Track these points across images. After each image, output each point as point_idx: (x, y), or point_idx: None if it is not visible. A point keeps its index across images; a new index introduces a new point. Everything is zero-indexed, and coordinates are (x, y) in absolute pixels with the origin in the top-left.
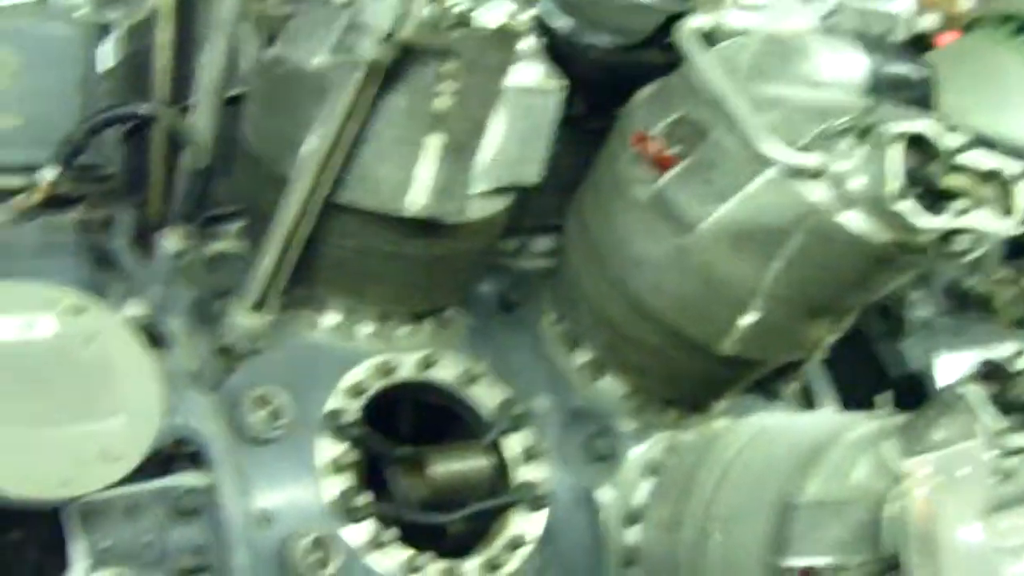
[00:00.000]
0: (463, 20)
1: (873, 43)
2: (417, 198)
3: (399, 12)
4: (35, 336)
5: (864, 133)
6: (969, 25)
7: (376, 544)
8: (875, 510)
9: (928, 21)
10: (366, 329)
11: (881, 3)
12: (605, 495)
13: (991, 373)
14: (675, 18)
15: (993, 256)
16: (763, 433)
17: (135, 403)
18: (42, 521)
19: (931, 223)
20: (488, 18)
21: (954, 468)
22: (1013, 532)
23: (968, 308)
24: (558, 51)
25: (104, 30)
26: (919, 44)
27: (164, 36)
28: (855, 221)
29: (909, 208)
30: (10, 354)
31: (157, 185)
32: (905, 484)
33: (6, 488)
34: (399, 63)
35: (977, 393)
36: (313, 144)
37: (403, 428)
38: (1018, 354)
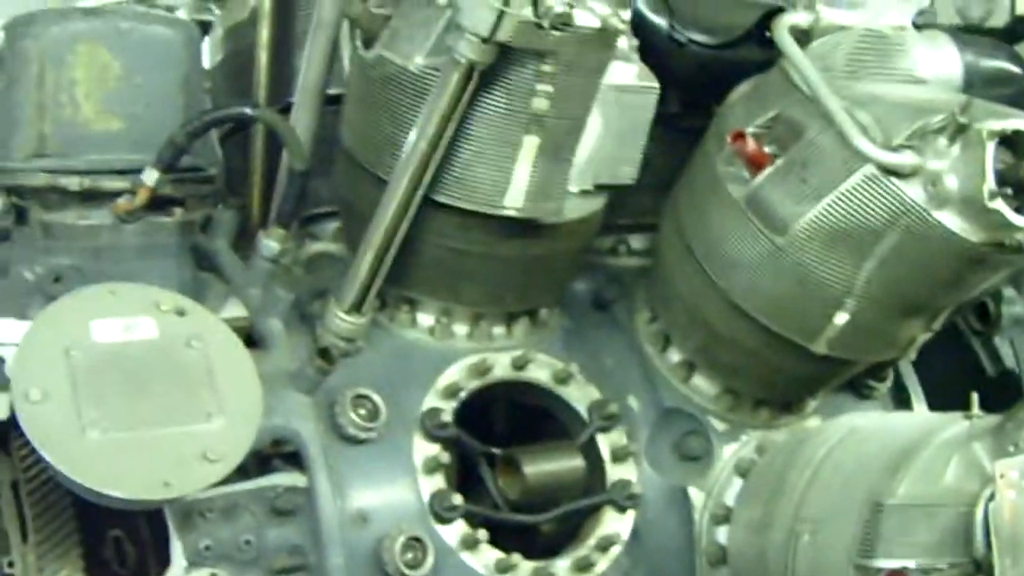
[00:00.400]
0: (562, 21)
1: (968, 39)
2: (514, 199)
3: (498, 13)
4: (137, 338)
5: (959, 131)
6: None
7: (469, 544)
8: (966, 512)
9: None
10: (461, 329)
11: None
12: (695, 495)
13: None
14: (771, 14)
15: None
16: (853, 434)
17: (235, 404)
18: (141, 520)
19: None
20: (586, 19)
21: None
22: None
23: None
24: (653, 49)
25: (204, 29)
26: (1019, 27)
27: (264, 36)
28: (949, 220)
29: (1004, 207)
30: (114, 356)
31: (257, 186)
32: (996, 486)
33: (110, 490)
34: (498, 64)
35: None
36: (412, 144)
37: (496, 428)
38: None
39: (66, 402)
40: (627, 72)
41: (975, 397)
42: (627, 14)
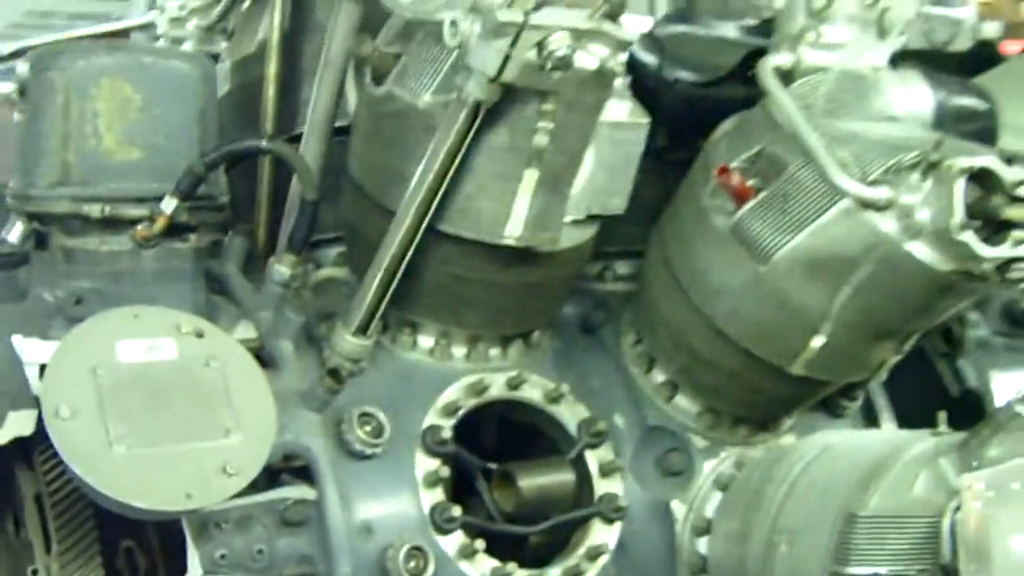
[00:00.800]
0: (563, 63)
1: (939, 79)
2: (514, 229)
3: (505, 56)
4: (159, 358)
5: (931, 168)
6: None
7: (467, 553)
8: (933, 522)
9: (991, 29)
10: (459, 351)
11: (945, 10)
12: (677, 508)
13: None
14: (754, 54)
15: None
16: (827, 451)
17: (251, 421)
18: (151, 531)
19: (992, 252)
20: (586, 61)
21: (1007, 483)
22: None
23: (1022, 328)
24: (643, 85)
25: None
26: (983, 51)
27: (272, 69)
28: (921, 251)
29: (972, 239)
30: (137, 375)
31: (263, 214)
32: (961, 498)
33: (136, 501)
34: (502, 102)
35: None
36: (419, 177)
37: (487, 443)
38: None
39: (94, 419)
40: (620, 109)
41: (942, 416)
42: (624, 56)
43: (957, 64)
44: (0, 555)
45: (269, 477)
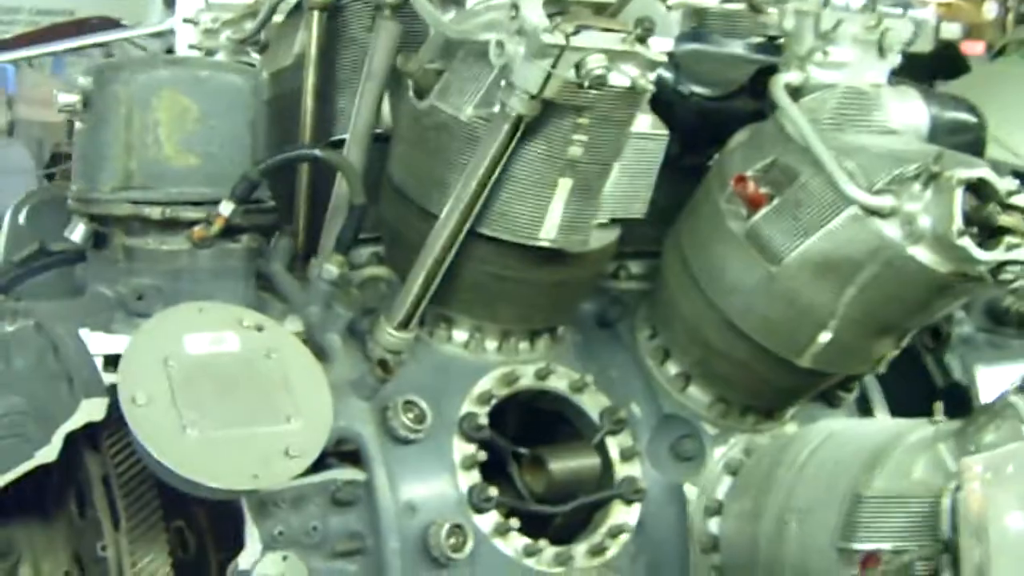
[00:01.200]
0: (599, 81)
1: (933, 94)
2: (548, 232)
3: (547, 75)
4: (224, 350)
5: (932, 178)
6: (1001, 50)
7: (501, 531)
8: (933, 502)
9: (951, 30)
10: (491, 344)
11: (907, 10)
12: (690, 490)
13: None
14: (764, 71)
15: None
16: (832, 437)
17: (310, 408)
18: (200, 511)
19: (987, 256)
20: (619, 79)
21: (1003, 467)
22: None
23: (1005, 325)
24: (660, 98)
25: None
26: (945, 51)
27: (310, 81)
28: (922, 254)
29: (969, 243)
30: (204, 365)
31: (304, 217)
32: (960, 479)
33: (209, 481)
34: (541, 116)
35: (1022, 403)
36: (463, 184)
37: (511, 428)
38: None
39: (167, 406)
40: (643, 121)
41: (939, 406)
42: (653, 75)
43: (920, 65)
44: (62, 536)
45: (317, 460)
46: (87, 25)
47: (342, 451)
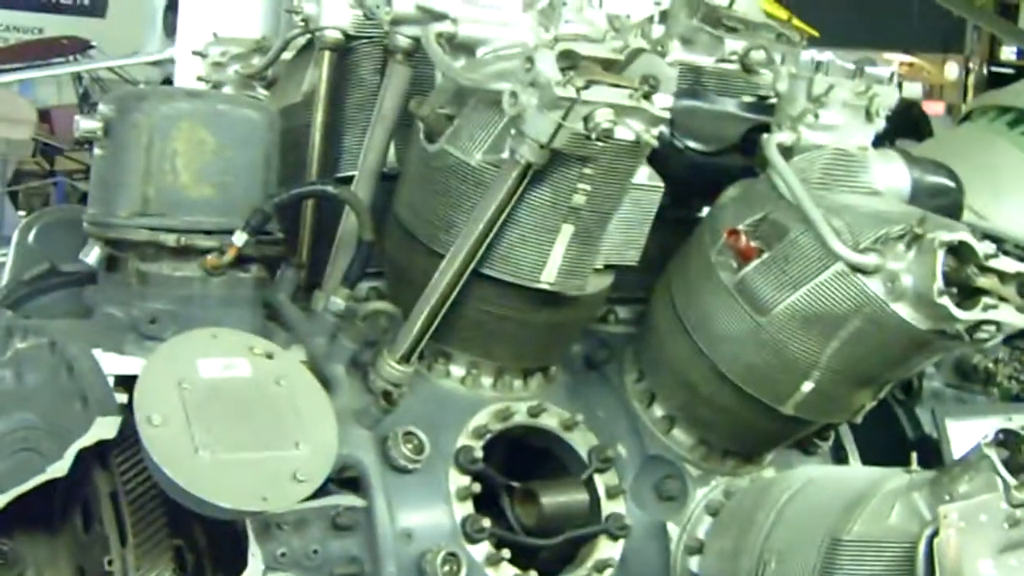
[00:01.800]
0: (606, 134)
1: (914, 159)
2: (549, 275)
3: (557, 126)
4: (236, 375)
5: (915, 239)
6: (967, 115)
7: (493, 561)
8: (908, 548)
9: (913, 89)
10: (487, 380)
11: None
12: (672, 529)
13: (1007, 440)
14: (756, 129)
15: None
16: (812, 482)
17: (317, 435)
18: (199, 531)
19: (965, 316)
20: (625, 133)
21: (976, 515)
22: (1020, 569)
23: (972, 381)
24: (655, 151)
25: None
26: (907, 110)
27: (319, 118)
28: (903, 311)
29: (948, 302)
30: (217, 389)
31: (307, 250)
32: (937, 526)
33: (220, 501)
34: (548, 164)
35: (996, 455)
36: (469, 227)
37: (501, 462)
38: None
39: (181, 427)
40: (641, 173)
41: (914, 456)
42: (656, 130)
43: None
44: (67, 550)
45: (319, 486)
46: (58, 45)
47: (343, 478)
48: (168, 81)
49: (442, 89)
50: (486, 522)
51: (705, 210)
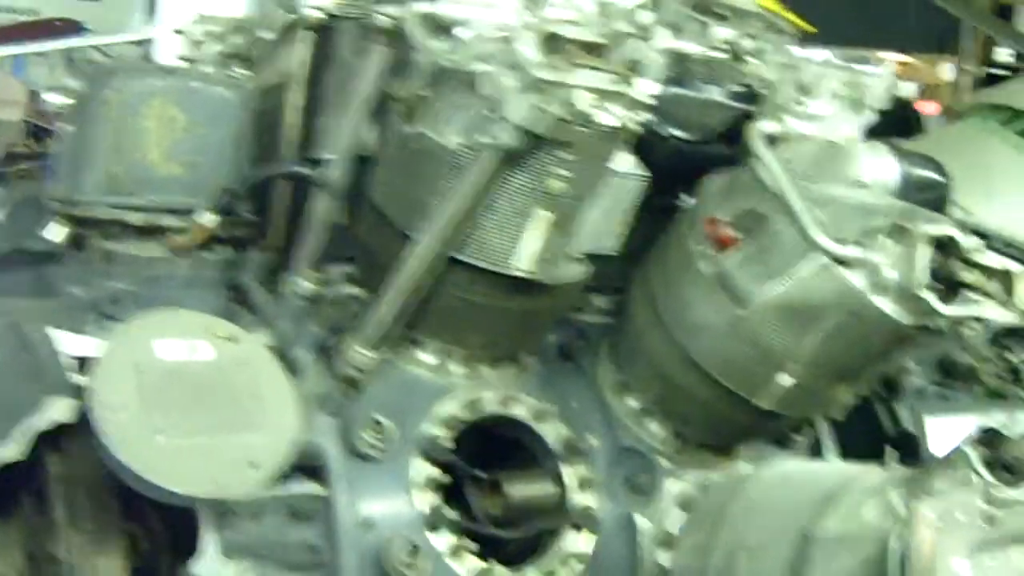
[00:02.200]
0: (587, 119)
1: (903, 152)
2: (524, 262)
3: (538, 111)
4: (196, 359)
5: (899, 233)
6: (960, 114)
7: (456, 552)
8: (882, 546)
9: (907, 89)
10: (457, 368)
11: (864, 68)
12: (643, 522)
13: (985, 438)
14: (741, 118)
15: (979, 336)
16: (787, 477)
17: (278, 421)
18: (154, 517)
19: (949, 310)
20: (607, 118)
21: (953, 513)
22: (996, 569)
23: (955, 378)
24: (638, 139)
25: None
26: (901, 109)
27: (296, 98)
28: (886, 305)
29: (932, 297)
30: (176, 373)
31: (280, 232)
32: (911, 524)
33: (174, 487)
34: (526, 149)
35: (974, 453)
36: (445, 210)
37: (469, 452)
38: (1006, 425)
39: (137, 411)
40: (624, 161)
41: (891, 452)
42: (639, 116)
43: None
44: (16, 535)
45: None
46: (50, 26)
47: (304, 465)
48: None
49: (421, 70)
50: (450, 513)
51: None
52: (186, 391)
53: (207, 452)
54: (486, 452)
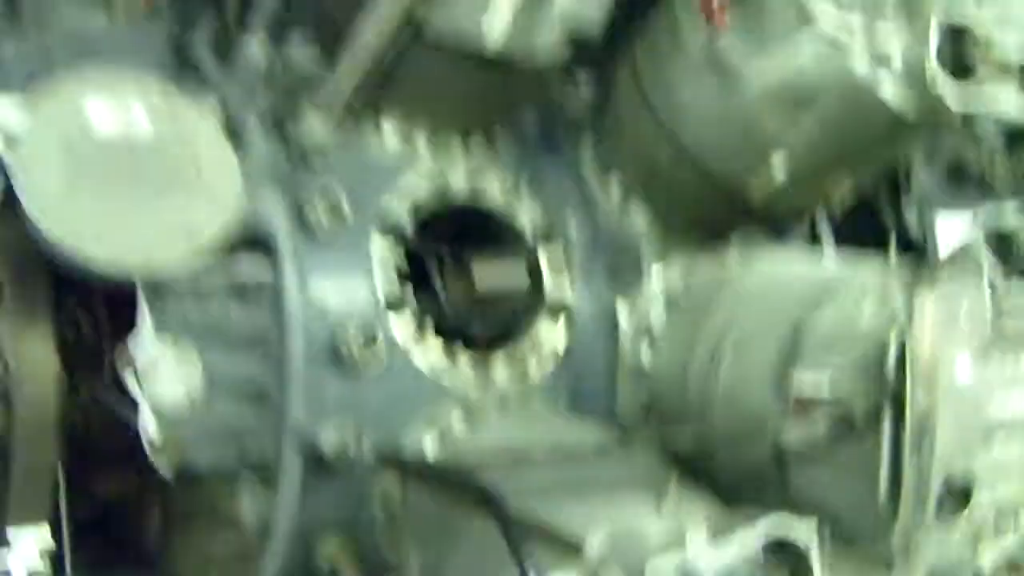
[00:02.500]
0: None
1: None
2: (494, 33)
3: None
4: (133, 125)
5: (909, 8)
6: None
7: (417, 339)
8: (880, 343)
9: None
10: (420, 141)
11: None
12: (623, 314)
13: (996, 240)
14: None
15: (991, 136)
16: (779, 272)
17: (219, 192)
18: (97, 296)
19: (957, 97)
20: None
21: (957, 310)
22: (999, 372)
23: (965, 182)
24: None
25: None
26: None
27: None
28: (887, 89)
29: (940, 82)
30: (111, 140)
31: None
32: (912, 320)
33: (106, 258)
34: None
35: (981, 249)
36: None
37: (442, 236)
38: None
39: (67, 178)
40: None
41: (892, 247)
42: None
43: None
44: None
45: (224, 250)
46: None
47: (251, 242)
48: None
49: None
50: (409, 294)
51: None
52: (118, 158)
53: (141, 222)
54: (454, 236)
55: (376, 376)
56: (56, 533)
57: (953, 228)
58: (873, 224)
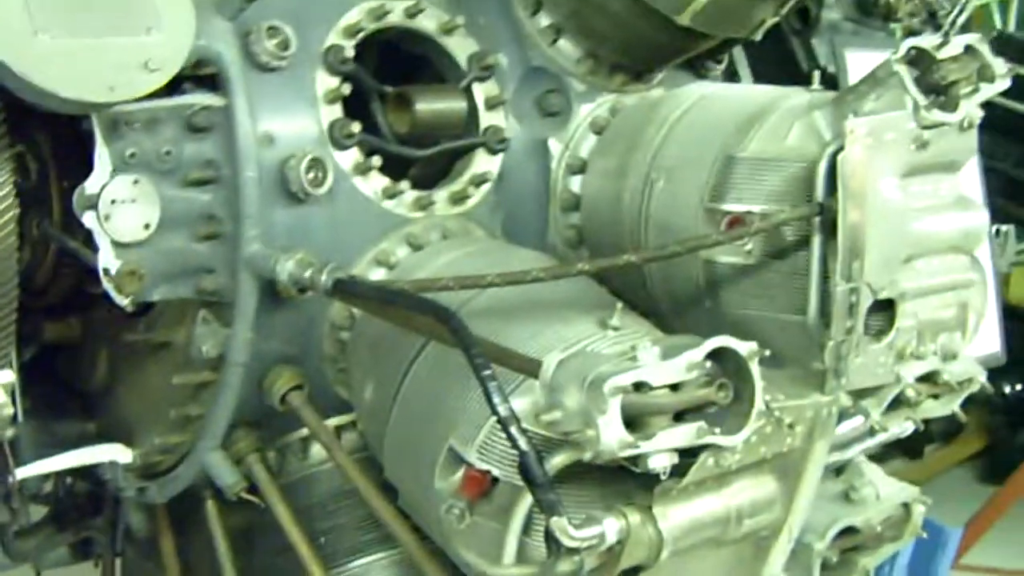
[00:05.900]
0: None
1: None
2: None
3: None
4: None
5: None
6: None
7: (362, 169)
8: (807, 167)
9: None
10: None
11: None
12: (554, 146)
13: (917, 58)
14: None
15: None
16: (706, 99)
17: (172, 21)
18: (42, 137)
19: None
20: None
21: (884, 132)
22: (922, 194)
23: (872, 16)
24: None
25: None
26: None
27: None
28: None
29: None
30: None
31: None
32: (841, 143)
33: (60, 90)
34: None
35: (906, 72)
36: None
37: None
38: (941, 44)
39: (18, 7)
40: None
41: (816, 75)
42: None
43: None
44: None
45: (172, 85)
46: None
47: (200, 75)
48: None
49: None
50: (355, 127)
51: None
52: None
53: (98, 54)
54: (394, 71)
55: (324, 204)
56: None
57: (864, 60)
58: (785, 60)
